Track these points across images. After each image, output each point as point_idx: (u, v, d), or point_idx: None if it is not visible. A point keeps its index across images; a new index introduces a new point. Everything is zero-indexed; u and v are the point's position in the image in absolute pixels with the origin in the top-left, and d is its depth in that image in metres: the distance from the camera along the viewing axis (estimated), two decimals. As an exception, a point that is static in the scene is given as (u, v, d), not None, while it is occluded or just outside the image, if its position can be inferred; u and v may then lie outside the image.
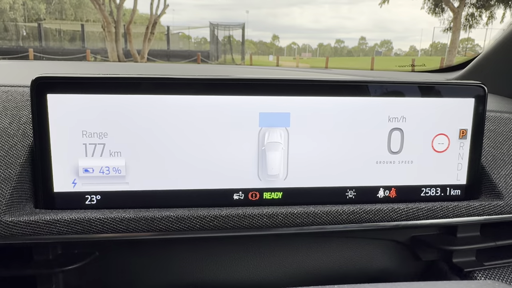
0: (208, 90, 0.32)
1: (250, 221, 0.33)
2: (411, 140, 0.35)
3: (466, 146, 0.36)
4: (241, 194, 0.34)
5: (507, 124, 0.44)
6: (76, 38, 20.43)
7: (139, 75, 0.31)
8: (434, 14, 17.19)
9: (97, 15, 18.54)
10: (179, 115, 0.32)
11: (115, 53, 11.32)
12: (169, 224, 0.31)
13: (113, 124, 0.31)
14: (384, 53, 52.56)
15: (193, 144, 0.32)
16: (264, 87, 0.32)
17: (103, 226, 0.31)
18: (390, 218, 0.34)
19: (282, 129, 0.33)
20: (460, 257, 0.40)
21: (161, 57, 16.38)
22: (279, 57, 19.70)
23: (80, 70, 0.78)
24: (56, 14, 23.58)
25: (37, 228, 0.30)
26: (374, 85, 0.34)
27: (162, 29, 20.01)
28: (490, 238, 0.40)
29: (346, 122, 0.34)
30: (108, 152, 0.32)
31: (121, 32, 12.37)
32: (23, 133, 0.33)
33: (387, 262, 0.43)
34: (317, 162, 0.34)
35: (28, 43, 18.86)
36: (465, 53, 30.99)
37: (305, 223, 0.33)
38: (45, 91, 0.30)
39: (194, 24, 69.44)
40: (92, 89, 0.31)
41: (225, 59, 18.24)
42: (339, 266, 0.42)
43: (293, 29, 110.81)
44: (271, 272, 0.41)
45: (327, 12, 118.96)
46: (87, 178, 0.32)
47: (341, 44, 61.61)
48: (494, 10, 16.04)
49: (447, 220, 0.35)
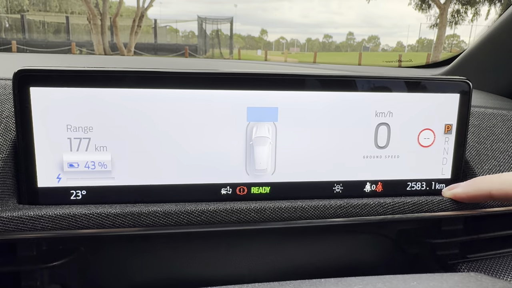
0: (196, 84, 0.32)
1: (237, 216, 0.32)
2: (397, 135, 0.35)
3: (451, 141, 0.37)
4: (228, 188, 0.34)
5: (491, 119, 0.45)
6: (60, 31, 20.05)
7: (125, 68, 0.31)
8: (421, 10, 17.36)
9: (83, 7, 18.20)
10: (166, 109, 0.31)
11: (101, 46, 11.14)
12: (156, 219, 0.31)
13: (98, 118, 0.31)
14: (372, 49, 52.94)
15: (180, 139, 0.32)
16: (252, 82, 0.32)
17: (88, 221, 0.30)
18: (376, 212, 0.35)
19: (270, 123, 0.33)
20: (444, 250, 0.41)
21: (148, 50, 16.19)
22: (268, 52, 19.67)
23: (65, 63, 0.76)
24: (40, 6, 23.04)
25: (21, 224, 0.29)
26: (362, 80, 0.34)
27: (149, 22, 19.76)
28: (474, 231, 0.41)
29: (333, 117, 0.34)
30: (94, 147, 0.31)
31: (107, 25, 12.17)
32: (5, 127, 0.32)
33: (373, 255, 0.44)
34: (305, 157, 0.34)
35: (11, 35, 18.43)
36: (451, 49, 31.41)
37: (293, 217, 0.34)
38: (27, 84, 0.29)
39: (182, 18, 68.74)
40: (77, 82, 0.30)
41: (213, 53, 18.14)
42: (326, 260, 0.43)
43: (282, 23, 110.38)
44: (259, 267, 0.41)
45: (317, 7, 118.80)
46: (72, 173, 0.31)
47: (329, 39, 61.76)
48: (479, 7, 16.27)
49: (432, 214, 0.36)
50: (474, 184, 0.34)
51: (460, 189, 0.35)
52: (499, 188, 0.31)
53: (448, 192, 0.36)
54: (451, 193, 0.36)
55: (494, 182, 0.32)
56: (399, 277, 0.30)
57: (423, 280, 0.29)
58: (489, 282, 0.29)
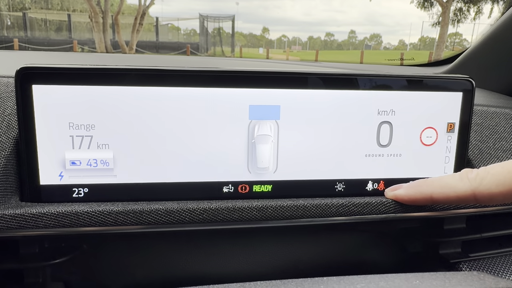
0: (198, 82, 0.32)
1: (239, 214, 0.32)
2: (400, 133, 0.35)
3: (453, 140, 0.37)
4: (230, 187, 0.34)
5: (493, 118, 0.44)
6: (62, 29, 20.07)
7: (127, 66, 0.31)
8: (424, 9, 17.30)
9: (84, 5, 18.19)
10: (168, 107, 0.31)
11: (102, 44, 11.15)
12: (158, 217, 0.31)
13: (100, 116, 0.31)
14: (374, 47, 52.79)
15: (182, 137, 0.32)
16: (254, 80, 0.32)
17: (90, 219, 0.30)
18: (378, 211, 0.35)
19: (272, 121, 0.33)
20: (446, 249, 0.41)
21: (150, 48, 16.19)
22: (269, 50, 19.64)
23: (67, 60, 0.76)
24: (41, 4, 23.05)
25: (23, 222, 0.29)
26: (364, 78, 0.34)
27: (151, 20, 19.75)
28: (476, 230, 0.41)
29: (335, 115, 0.34)
30: (96, 145, 0.31)
31: (109, 22, 12.18)
32: (8, 125, 0.32)
33: (375, 254, 0.44)
34: (307, 155, 0.34)
35: (13, 33, 18.46)
36: (453, 48, 31.30)
37: (295, 216, 0.33)
38: (30, 81, 0.29)
39: (184, 16, 68.60)
40: (79, 80, 0.30)
41: (215, 51, 18.13)
42: (328, 258, 0.43)
43: (284, 21, 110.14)
44: (261, 265, 0.41)
45: (319, 5, 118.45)
46: (74, 170, 0.31)
47: (331, 37, 61.61)
48: (482, 5, 16.20)
49: (434, 212, 0.36)
50: (416, 186, 0.33)
51: (402, 191, 0.34)
52: (439, 192, 0.30)
53: (390, 193, 0.35)
54: (393, 194, 0.34)
55: (435, 185, 0.31)
56: (402, 275, 0.29)
57: (426, 279, 0.29)
58: (491, 281, 0.29)
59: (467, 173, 0.29)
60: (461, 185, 0.29)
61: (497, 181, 0.27)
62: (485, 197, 0.27)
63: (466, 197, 0.28)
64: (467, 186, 0.28)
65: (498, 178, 0.27)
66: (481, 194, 0.27)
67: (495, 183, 0.27)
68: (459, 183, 0.29)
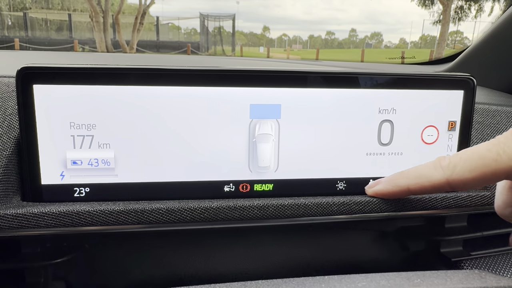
0: (199, 81, 0.31)
1: (241, 213, 0.33)
2: (401, 132, 0.35)
3: (454, 138, 0.36)
4: (232, 186, 0.34)
5: (494, 116, 0.44)
6: (63, 28, 20.07)
7: (128, 66, 0.31)
8: (424, 7, 17.26)
9: (85, 4, 18.18)
10: (168, 106, 0.31)
11: (103, 44, 11.15)
12: (159, 216, 0.31)
13: (101, 115, 0.31)
14: (374, 45, 52.71)
15: (183, 136, 0.32)
16: (255, 79, 0.32)
17: (92, 218, 0.30)
18: (380, 209, 0.35)
19: (273, 120, 0.33)
20: (447, 247, 0.41)
21: (151, 48, 16.18)
22: (270, 49, 19.62)
23: (68, 60, 0.76)
24: (42, 3, 23.06)
25: (25, 221, 0.29)
26: (365, 77, 0.34)
27: (152, 20, 19.74)
28: (477, 229, 0.40)
29: (336, 114, 0.34)
30: (97, 144, 0.31)
31: (110, 22, 12.17)
32: (9, 125, 0.32)
33: (376, 252, 0.44)
34: (308, 154, 0.34)
35: (14, 33, 18.47)
36: (454, 46, 31.23)
37: (296, 214, 0.33)
38: (31, 81, 0.29)
39: (184, 15, 68.61)
40: (80, 80, 0.30)
41: (215, 50, 18.12)
42: (329, 257, 0.43)
43: (284, 20, 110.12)
44: (262, 264, 0.41)
45: (319, 4, 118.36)
46: (76, 170, 0.31)
47: (331, 36, 61.52)
48: (483, 3, 16.15)
49: (435, 211, 0.36)
50: (393, 180, 0.33)
51: (381, 186, 0.34)
52: (415, 183, 0.30)
53: (370, 190, 0.35)
54: (372, 191, 0.34)
55: (410, 177, 0.31)
56: (403, 274, 0.29)
57: (427, 278, 0.29)
58: (493, 280, 0.29)
59: (440, 161, 0.29)
60: (435, 174, 0.28)
61: (469, 167, 0.26)
62: (458, 184, 0.27)
63: (440, 185, 0.28)
64: (440, 174, 0.28)
65: (470, 164, 0.26)
66: (455, 182, 0.27)
67: (468, 169, 0.26)
68: (433, 172, 0.29)
